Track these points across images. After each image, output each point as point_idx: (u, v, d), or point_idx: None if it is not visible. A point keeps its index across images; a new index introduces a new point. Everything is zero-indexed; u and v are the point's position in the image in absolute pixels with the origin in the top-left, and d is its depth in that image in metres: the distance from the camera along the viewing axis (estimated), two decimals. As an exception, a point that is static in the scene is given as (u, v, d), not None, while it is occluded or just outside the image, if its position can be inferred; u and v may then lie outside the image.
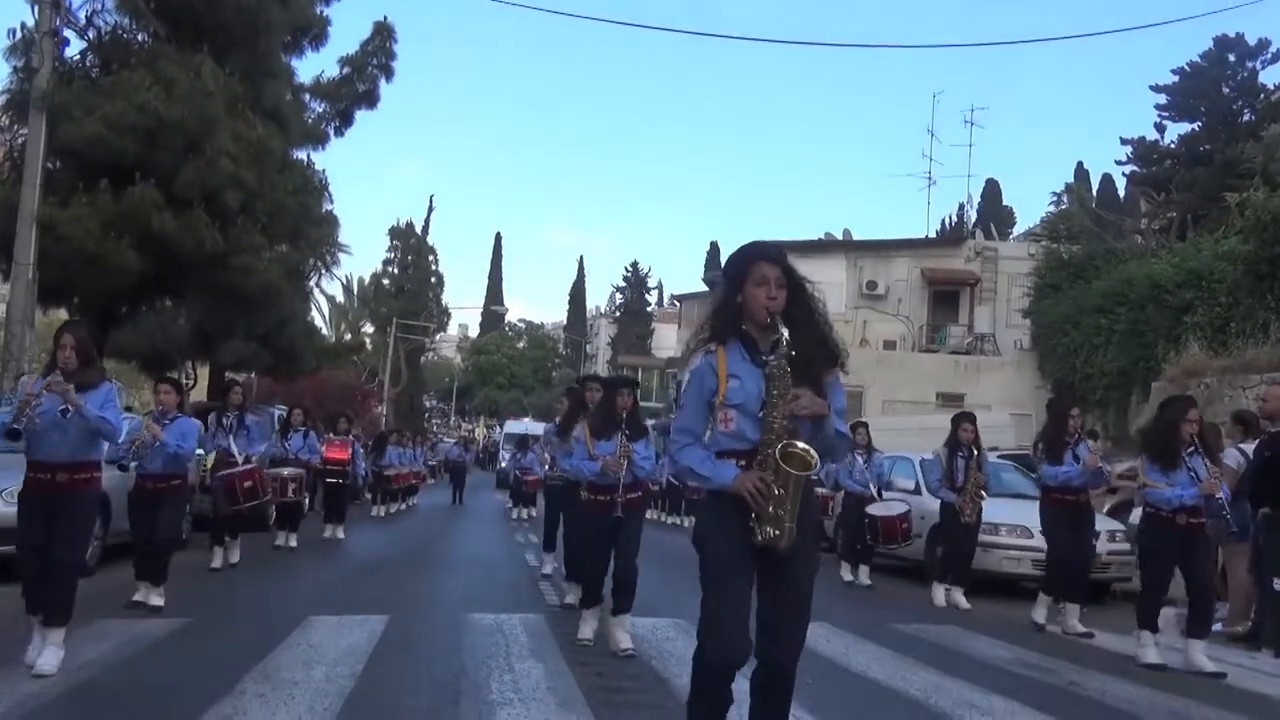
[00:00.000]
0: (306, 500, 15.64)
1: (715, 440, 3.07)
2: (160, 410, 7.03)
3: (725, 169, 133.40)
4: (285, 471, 10.80)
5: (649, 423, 6.19)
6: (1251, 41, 26.36)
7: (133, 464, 6.85)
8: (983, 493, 8.78)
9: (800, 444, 2.89)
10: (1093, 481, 7.72)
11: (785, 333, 2.92)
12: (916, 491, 10.75)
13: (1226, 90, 26.76)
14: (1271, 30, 64.37)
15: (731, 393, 3.00)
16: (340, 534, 12.96)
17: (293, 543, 11.24)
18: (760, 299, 2.98)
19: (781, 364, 2.90)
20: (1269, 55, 26.29)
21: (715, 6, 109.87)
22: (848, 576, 10.26)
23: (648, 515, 9.58)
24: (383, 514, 17.49)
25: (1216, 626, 7.63)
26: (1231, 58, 26.54)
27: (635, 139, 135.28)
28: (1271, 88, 25.89)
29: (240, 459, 9.19)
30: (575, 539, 7.42)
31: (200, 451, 8.93)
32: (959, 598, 8.70)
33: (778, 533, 2.90)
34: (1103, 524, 9.42)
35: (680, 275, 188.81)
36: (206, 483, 9.77)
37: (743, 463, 2.98)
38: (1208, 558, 7.03)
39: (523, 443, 19.37)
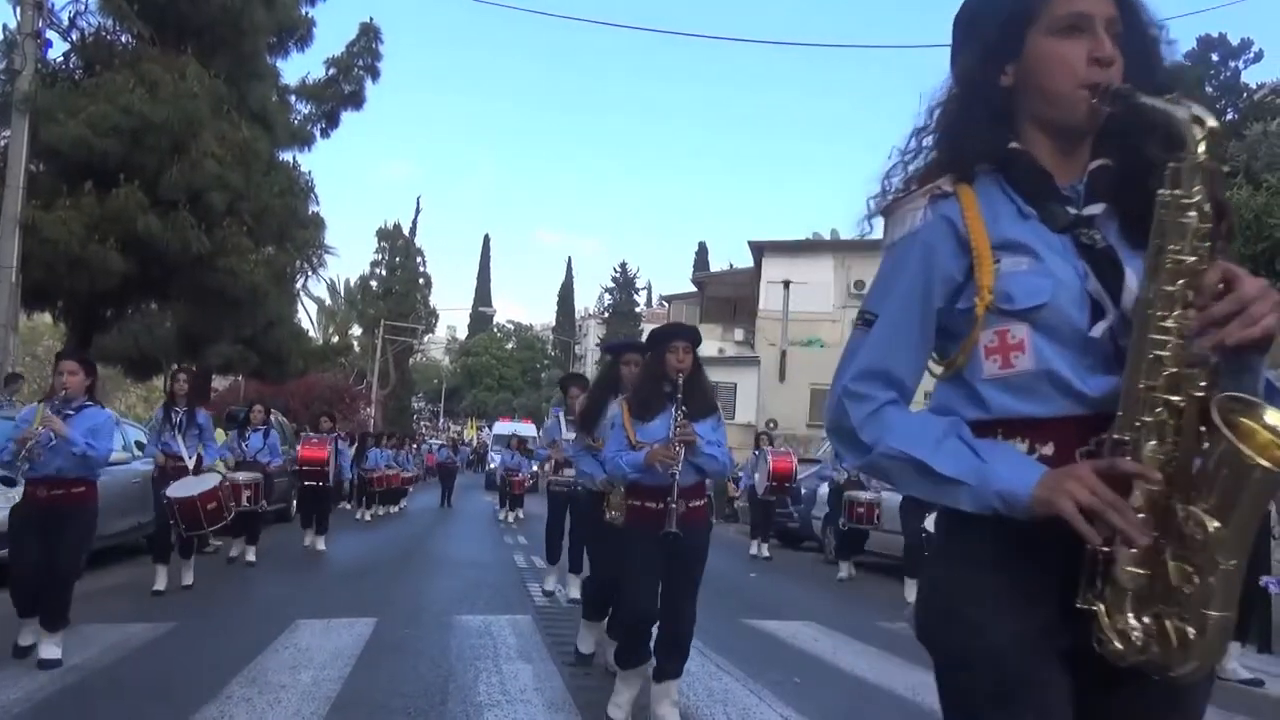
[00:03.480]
0: (293, 507, 15.54)
1: (968, 395, 1.38)
2: (62, 397, 5.17)
3: (713, 169, 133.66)
4: (240, 477, 9.57)
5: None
6: (1234, 42, 26.60)
7: (23, 470, 5.08)
8: None
9: (1262, 402, 1.21)
10: None
11: (1205, 114, 1.21)
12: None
13: (1210, 89, 26.90)
14: (1254, 30, 65.03)
15: (1018, 285, 1.32)
16: (320, 545, 11.54)
17: (250, 556, 9.94)
18: (1075, 68, 1.33)
19: (1187, 200, 1.22)
20: (1251, 55, 26.54)
21: (700, 8, 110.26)
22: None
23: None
24: (367, 517, 17.35)
25: None
26: (1215, 57, 26.72)
27: (623, 140, 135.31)
28: (1254, 87, 26.10)
29: (190, 462, 7.91)
30: (602, 567, 5.47)
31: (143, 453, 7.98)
32: None
33: (1191, 633, 1.19)
34: None
35: (669, 276, 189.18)
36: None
37: (1048, 447, 1.32)
38: None
39: (515, 444, 19.28)
